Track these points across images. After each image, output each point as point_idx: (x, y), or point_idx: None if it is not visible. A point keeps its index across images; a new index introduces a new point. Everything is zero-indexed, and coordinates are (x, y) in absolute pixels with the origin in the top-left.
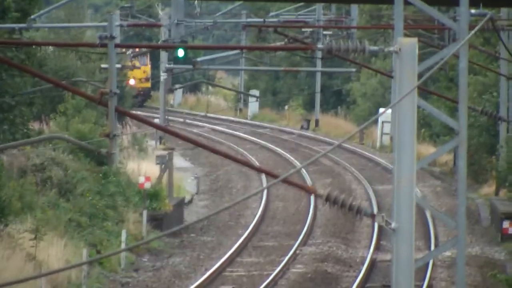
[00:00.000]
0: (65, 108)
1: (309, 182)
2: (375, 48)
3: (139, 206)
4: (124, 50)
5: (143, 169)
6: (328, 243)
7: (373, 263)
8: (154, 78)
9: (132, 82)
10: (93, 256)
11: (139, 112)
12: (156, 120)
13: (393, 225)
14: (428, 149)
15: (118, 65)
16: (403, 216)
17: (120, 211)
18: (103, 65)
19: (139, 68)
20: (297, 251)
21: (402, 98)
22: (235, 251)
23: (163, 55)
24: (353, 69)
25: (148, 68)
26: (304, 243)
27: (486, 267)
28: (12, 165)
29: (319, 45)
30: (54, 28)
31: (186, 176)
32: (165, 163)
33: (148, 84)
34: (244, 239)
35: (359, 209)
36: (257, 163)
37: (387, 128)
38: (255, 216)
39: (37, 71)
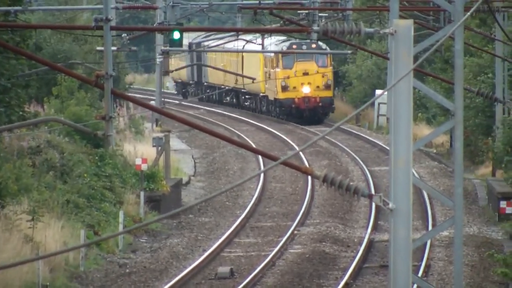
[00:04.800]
0: (59, 90)
1: (306, 163)
2: (370, 30)
3: (136, 187)
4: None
5: (139, 151)
6: (325, 223)
7: (370, 243)
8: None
9: (306, 90)
10: (91, 237)
11: (136, 95)
12: (152, 103)
13: (390, 205)
14: (424, 131)
15: (114, 48)
16: (401, 197)
17: (118, 192)
18: (98, 48)
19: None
20: (295, 232)
21: (398, 80)
22: (233, 231)
23: (159, 37)
24: (349, 51)
25: (329, 70)
26: (301, 223)
27: (484, 247)
28: (8, 147)
29: (315, 27)
30: (49, 10)
31: (183, 158)
32: (162, 145)
33: (330, 93)
34: (242, 220)
35: (356, 190)
36: (253, 145)
37: (383, 109)
38: (252, 197)
39: (32, 54)
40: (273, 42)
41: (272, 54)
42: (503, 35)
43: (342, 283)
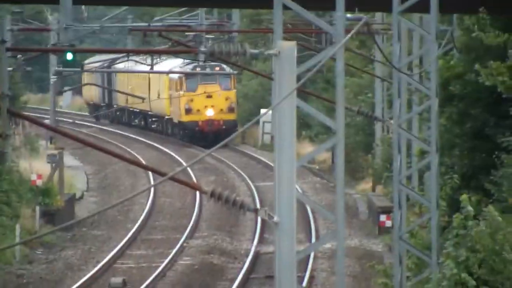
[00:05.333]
0: None
1: (194, 179)
2: (255, 51)
3: (32, 202)
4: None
5: (35, 168)
6: (213, 236)
7: (257, 255)
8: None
9: (210, 113)
10: None
11: (33, 114)
12: (47, 121)
13: (275, 219)
14: (308, 148)
15: (10, 68)
16: (285, 211)
17: (14, 207)
18: None
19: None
20: (184, 244)
21: (282, 99)
22: (125, 244)
23: (53, 58)
24: (235, 72)
25: (233, 94)
26: (190, 236)
27: (365, 258)
28: None
29: (202, 48)
30: None
31: (76, 174)
32: (56, 162)
33: (233, 116)
34: (133, 233)
35: (242, 204)
36: (143, 162)
37: (268, 127)
38: (143, 211)
39: None
40: (178, 64)
41: (177, 77)
42: (382, 56)
43: None
